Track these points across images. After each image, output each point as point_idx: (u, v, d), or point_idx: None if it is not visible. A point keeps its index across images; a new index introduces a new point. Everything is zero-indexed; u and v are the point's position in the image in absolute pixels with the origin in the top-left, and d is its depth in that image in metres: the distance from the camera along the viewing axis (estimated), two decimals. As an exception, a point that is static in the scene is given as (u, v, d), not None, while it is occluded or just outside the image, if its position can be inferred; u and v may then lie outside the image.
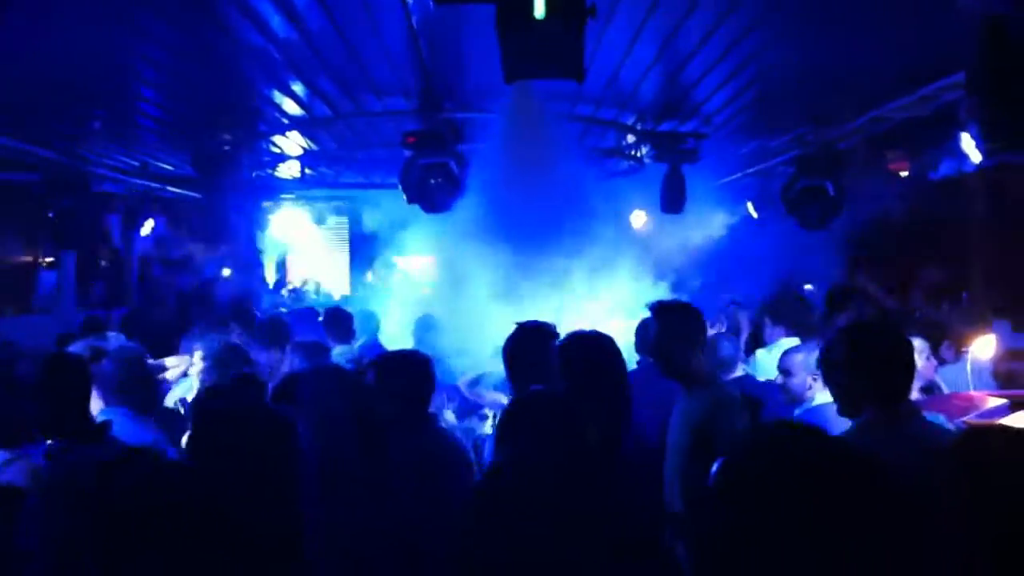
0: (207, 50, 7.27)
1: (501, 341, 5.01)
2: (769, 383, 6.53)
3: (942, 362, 7.23)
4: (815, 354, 5.13)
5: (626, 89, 9.05)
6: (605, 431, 3.54)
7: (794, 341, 7.25)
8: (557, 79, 4.97)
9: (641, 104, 9.83)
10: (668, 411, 4.77)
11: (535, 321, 5.11)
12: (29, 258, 17.05)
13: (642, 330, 6.22)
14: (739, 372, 6.93)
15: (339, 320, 8.14)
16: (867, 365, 3.68)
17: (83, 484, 3.53)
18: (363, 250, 21.25)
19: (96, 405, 4.87)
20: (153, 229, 15.51)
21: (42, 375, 4.28)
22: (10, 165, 10.94)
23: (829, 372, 3.94)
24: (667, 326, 4.77)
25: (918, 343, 5.68)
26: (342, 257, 22.14)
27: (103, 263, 17.00)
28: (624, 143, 12.37)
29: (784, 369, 5.54)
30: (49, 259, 15.65)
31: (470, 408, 6.46)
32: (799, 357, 5.48)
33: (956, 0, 5.29)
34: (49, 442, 4.20)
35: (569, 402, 3.48)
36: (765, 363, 7.49)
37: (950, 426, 4.28)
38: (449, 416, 5.61)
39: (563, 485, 3.09)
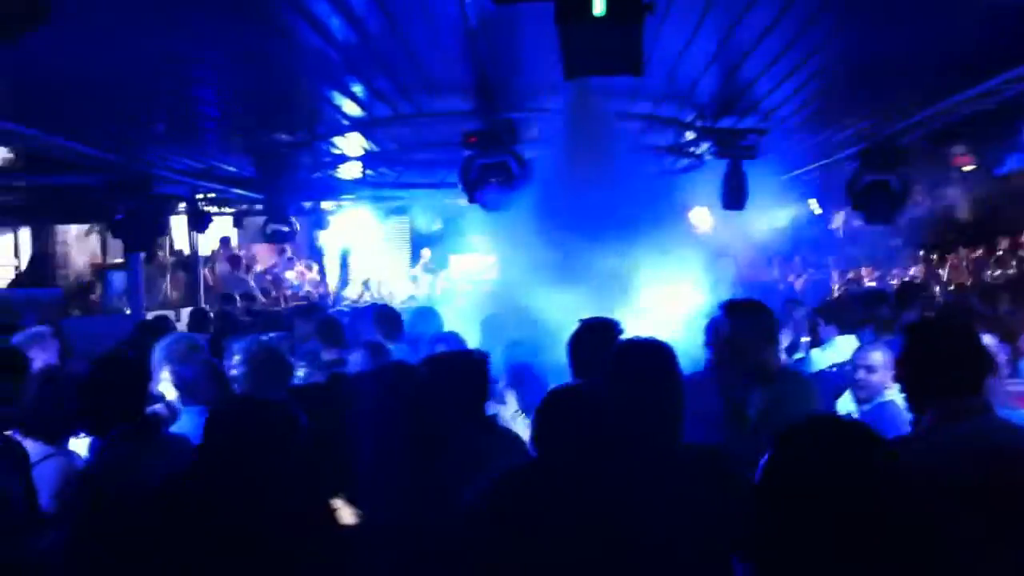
0: (266, 53, 7.35)
1: (564, 336, 5.00)
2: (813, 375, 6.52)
3: (1020, 355, 7.09)
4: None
5: (685, 85, 8.99)
6: (644, 429, 3.48)
7: (850, 339, 7.20)
8: (616, 75, 4.98)
9: (700, 100, 9.76)
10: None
11: (598, 317, 5.09)
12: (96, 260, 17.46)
13: (712, 328, 6.16)
14: None
15: (388, 317, 8.18)
16: (930, 361, 3.62)
17: (117, 479, 3.61)
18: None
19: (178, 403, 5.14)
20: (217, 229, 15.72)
21: (94, 374, 4.41)
22: (75, 168, 11.16)
23: (896, 368, 3.90)
24: (739, 324, 4.77)
25: (987, 339, 5.58)
26: (403, 256, 22.32)
27: (171, 262, 17.32)
28: (683, 140, 12.30)
29: (866, 365, 5.50)
30: (118, 260, 15.98)
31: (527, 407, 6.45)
32: (881, 355, 5.43)
33: None
34: (95, 438, 4.33)
35: (603, 396, 3.45)
36: (820, 361, 7.45)
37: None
38: (507, 414, 5.61)
39: (593, 479, 3.08)
